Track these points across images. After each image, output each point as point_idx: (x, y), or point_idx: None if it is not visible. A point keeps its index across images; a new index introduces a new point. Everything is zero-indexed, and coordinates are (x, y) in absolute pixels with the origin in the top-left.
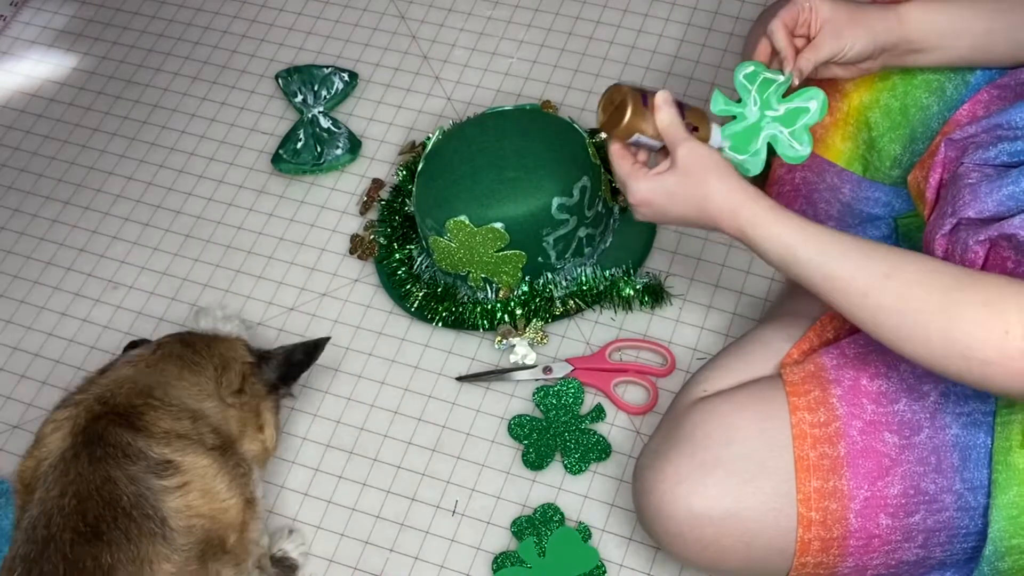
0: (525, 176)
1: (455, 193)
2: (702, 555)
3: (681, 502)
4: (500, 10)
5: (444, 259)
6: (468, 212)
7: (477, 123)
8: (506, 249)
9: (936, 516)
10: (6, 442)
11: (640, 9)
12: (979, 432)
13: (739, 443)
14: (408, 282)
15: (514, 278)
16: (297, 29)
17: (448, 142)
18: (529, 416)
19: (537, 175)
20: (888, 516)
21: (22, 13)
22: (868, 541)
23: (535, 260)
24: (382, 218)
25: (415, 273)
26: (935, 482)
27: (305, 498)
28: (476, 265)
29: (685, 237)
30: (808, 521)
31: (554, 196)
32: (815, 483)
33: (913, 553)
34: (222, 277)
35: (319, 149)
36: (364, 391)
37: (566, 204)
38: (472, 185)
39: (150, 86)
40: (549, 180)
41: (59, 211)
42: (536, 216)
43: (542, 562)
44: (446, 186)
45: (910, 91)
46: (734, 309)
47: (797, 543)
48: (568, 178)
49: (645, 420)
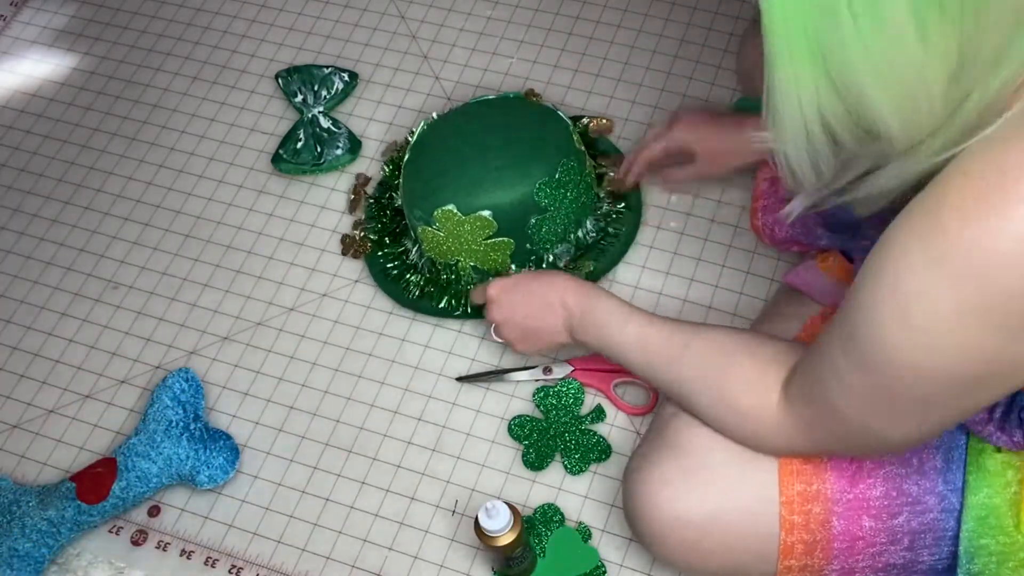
0: (511, 163)
1: (442, 183)
2: (685, 558)
3: (665, 505)
4: (500, 10)
5: (433, 249)
6: (456, 201)
7: (461, 113)
8: (494, 237)
9: (920, 518)
10: (6, 442)
11: (640, 9)
12: (961, 434)
13: (722, 448)
14: (406, 272)
15: (503, 265)
16: (297, 29)
17: (433, 133)
18: (529, 416)
19: (522, 162)
20: (871, 518)
21: (22, 13)
22: (852, 543)
23: (523, 247)
24: (371, 215)
25: (411, 263)
26: (917, 484)
27: (303, 496)
28: (465, 254)
29: (685, 237)
30: (791, 525)
31: (539, 181)
32: (798, 486)
33: (900, 556)
34: (222, 277)
35: (319, 149)
36: (364, 391)
37: (551, 189)
38: (459, 174)
39: (150, 86)
40: (534, 166)
41: (59, 211)
42: (523, 203)
43: (542, 562)
44: (433, 176)
45: None
46: (734, 310)
47: (780, 546)
48: (552, 163)
49: (645, 421)
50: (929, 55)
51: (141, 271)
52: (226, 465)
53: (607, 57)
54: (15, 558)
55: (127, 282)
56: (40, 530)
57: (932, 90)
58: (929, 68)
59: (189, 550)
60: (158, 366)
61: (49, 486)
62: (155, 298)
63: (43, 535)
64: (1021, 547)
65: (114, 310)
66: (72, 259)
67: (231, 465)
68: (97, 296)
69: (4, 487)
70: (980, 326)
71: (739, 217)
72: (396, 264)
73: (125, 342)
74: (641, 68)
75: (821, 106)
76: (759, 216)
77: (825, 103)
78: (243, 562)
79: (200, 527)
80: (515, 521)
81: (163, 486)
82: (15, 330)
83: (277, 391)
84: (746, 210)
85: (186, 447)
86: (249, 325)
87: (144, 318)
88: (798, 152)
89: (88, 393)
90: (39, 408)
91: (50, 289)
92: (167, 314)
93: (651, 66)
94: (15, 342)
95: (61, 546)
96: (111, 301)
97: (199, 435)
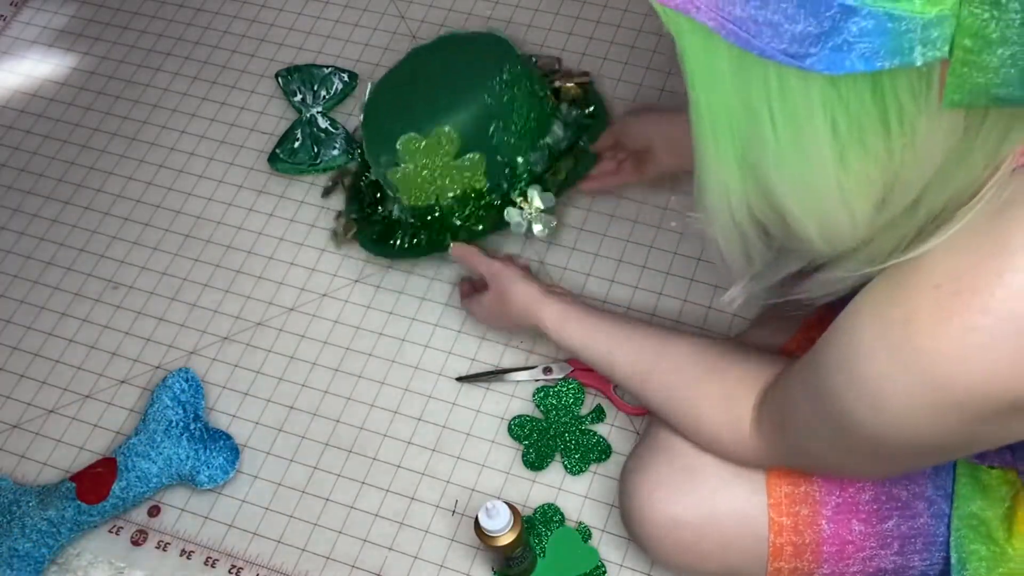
0: (458, 79)
1: (398, 119)
2: (681, 559)
3: (659, 507)
4: (500, 10)
5: (410, 191)
6: (414, 128)
7: (402, 62)
8: (463, 154)
9: (910, 522)
10: (6, 442)
11: (640, 9)
12: None
13: None
14: (393, 228)
15: (482, 184)
16: (297, 29)
17: (380, 87)
18: (529, 416)
19: (467, 75)
20: (860, 522)
21: (22, 13)
22: (842, 547)
23: (494, 160)
24: (349, 197)
25: (396, 218)
26: (907, 488)
27: (303, 496)
28: (442, 185)
29: (685, 238)
30: (779, 526)
31: (486, 85)
32: (786, 488)
33: (891, 561)
34: (222, 277)
35: (316, 149)
36: (364, 391)
37: (501, 90)
38: (411, 106)
39: (150, 86)
40: (479, 76)
41: (59, 211)
42: (477, 112)
43: (542, 562)
44: (387, 120)
45: None
46: (735, 310)
47: (769, 547)
48: (495, 68)
49: (645, 421)
50: (851, 182)
51: (141, 271)
52: (226, 465)
53: (607, 57)
54: (15, 558)
55: (127, 282)
56: (40, 530)
57: (855, 214)
58: (851, 194)
59: (189, 550)
60: (158, 366)
61: (49, 486)
62: (155, 298)
63: (43, 535)
64: (1010, 558)
65: (114, 310)
66: (72, 259)
67: (231, 465)
68: (97, 296)
69: (4, 487)
70: (947, 418)
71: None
72: (381, 225)
73: (125, 342)
74: (641, 68)
75: (749, 203)
76: None
77: (753, 201)
78: (243, 562)
79: (200, 527)
80: (515, 521)
81: (163, 486)
82: (15, 330)
83: (277, 391)
84: None
85: (186, 447)
86: (249, 325)
87: (144, 318)
88: (727, 240)
89: (88, 393)
90: (39, 408)
91: (50, 289)
92: (167, 314)
93: (651, 66)
94: (15, 342)
95: (61, 546)
96: (111, 301)
97: (199, 435)
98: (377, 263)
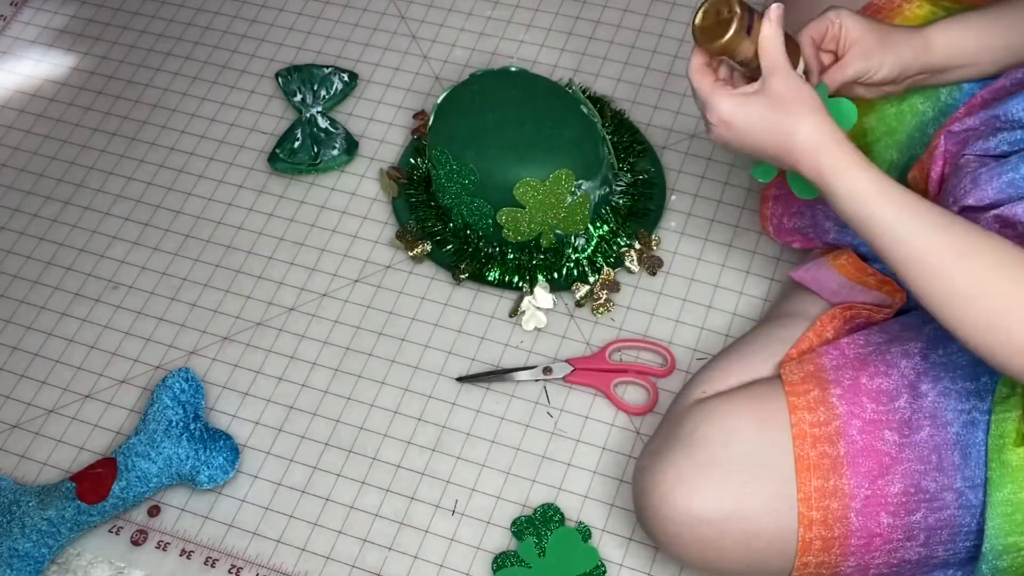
0: (549, 116)
1: (509, 163)
2: (702, 556)
3: (680, 503)
4: (500, 10)
5: (514, 229)
6: (530, 173)
7: (480, 95)
8: (576, 192)
9: (937, 514)
10: (6, 442)
11: (640, 9)
12: (979, 430)
13: (738, 443)
14: (466, 252)
15: (583, 224)
16: (297, 29)
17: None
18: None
19: (560, 108)
20: (889, 515)
21: (22, 13)
22: (870, 540)
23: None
24: (416, 212)
25: (466, 239)
26: (936, 480)
27: (303, 496)
28: (550, 224)
29: (685, 237)
30: (809, 520)
31: (587, 119)
32: (816, 482)
33: (915, 552)
34: (222, 277)
35: (316, 149)
36: (364, 391)
37: (595, 118)
38: (517, 146)
39: (150, 86)
40: (572, 109)
41: (59, 211)
42: (592, 144)
43: (542, 562)
44: (499, 163)
45: (906, 97)
46: (734, 309)
47: (799, 543)
48: (578, 103)
49: (645, 420)
50: None
51: (141, 271)
52: (226, 465)
53: (607, 57)
54: (15, 558)
55: (127, 282)
56: (40, 530)
57: None
58: None
59: (189, 550)
60: (158, 366)
61: (49, 486)
62: (155, 298)
63: (43, 535)
64: None
65: (114, 310)
66: (72, 259)
67: (231, 465)
68: (97, 296)
69: (4, 487)
70: None
71: (739, 217)
72: (453, 242)
73: (125, 342)
74: (641, 68)
75: None
76: (769, 204)
77: None
78: (243, 562)
79: (200, 527)
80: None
81: (163, 486)
82: (15, 330)
83: (277, 391)
84: (746, 209)
85: (186, 447)
86: (249, 325)
87: (144, 318)
88: None
89: (88, 393)
90: (39, 408)
91: (50, 289)
92: (167, 314)
93: (651, 66)
94: (15, 342)
95: (61, 546)
96: (111, 301)
97: (199, 435)
98: (377, 263)
